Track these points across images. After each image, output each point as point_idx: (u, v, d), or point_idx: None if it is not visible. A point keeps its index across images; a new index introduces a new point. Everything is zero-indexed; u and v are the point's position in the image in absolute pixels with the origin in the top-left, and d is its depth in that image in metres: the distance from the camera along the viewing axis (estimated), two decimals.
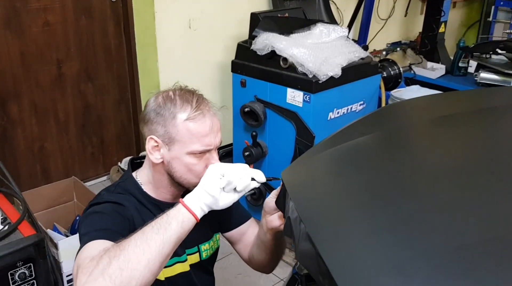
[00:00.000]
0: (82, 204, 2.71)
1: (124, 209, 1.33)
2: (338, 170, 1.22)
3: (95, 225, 1.23)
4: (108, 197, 1.35)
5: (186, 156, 1.31)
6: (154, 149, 1.34)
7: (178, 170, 1.34)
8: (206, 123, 1.31)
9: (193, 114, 1.29)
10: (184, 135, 1.30)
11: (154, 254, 1.05)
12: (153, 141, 1.33)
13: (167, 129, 1.30)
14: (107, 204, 1.32)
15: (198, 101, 1.32)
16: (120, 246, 1.05)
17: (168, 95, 1.34)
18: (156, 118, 1.32)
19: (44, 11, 2.97)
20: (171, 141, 1.31)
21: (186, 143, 1.30)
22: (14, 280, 1.67)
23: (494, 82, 3.52)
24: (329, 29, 2.73)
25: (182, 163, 1.32)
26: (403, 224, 0.92)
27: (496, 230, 0.88)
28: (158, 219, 1.11)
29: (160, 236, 1.07)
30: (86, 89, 3.30)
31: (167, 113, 1.31)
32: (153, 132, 1.33)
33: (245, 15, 2.93)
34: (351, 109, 2.76)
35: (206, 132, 1.30)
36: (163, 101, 1.32)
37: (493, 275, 0.78)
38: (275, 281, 2.64)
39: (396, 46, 4.77)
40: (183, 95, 1.33)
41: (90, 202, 1.37)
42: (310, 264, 0.89)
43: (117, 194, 1.38)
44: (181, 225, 1.11)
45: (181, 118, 1.29)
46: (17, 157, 3.11)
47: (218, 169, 1.17)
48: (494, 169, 1.11)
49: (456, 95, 2.10)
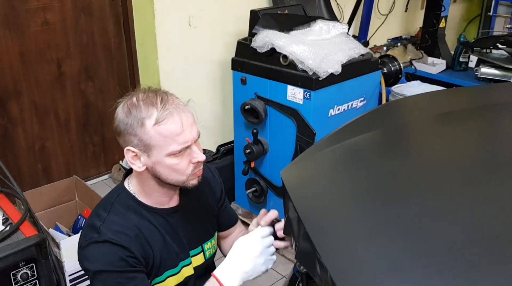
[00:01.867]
0: (83, 203, 2.71)
1: (128, 250, 1.28)
2: (338, 169, 1.22)
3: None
4: (107, 234, 1.29)
5: (166, 158, 1.29)
6: (134, 159, 1.32)
7: (163, 172, 1.32)
8: (176, 121, 1.27)
9: (160, 116, 1.26)
10: (158, 139, 1.27)
11: None
12: (131, 152, 1.31)
13: (140, 138, 1.28)
14: (108, 249, 1.27)
15: (163, 101, 1.28)
16: None
17: (132, 103, 1.30)
18: (126, 129, 1.29)
19: (43, 10, 2.97)
20: (147, 148, 1.29)
21: (163, 147, 1.27)
22: (17, 280, 1.68)
23: (494, 77, 3.51)
24: (329, 26, 2.73)
25: (164, 165, 1.30)
26: (401, 224, 0.92)
27: (496, 229, 0.88)
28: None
29: None
30: (86, 87, 3.30)
31: (135, 121, 1.27)
32: (127, 143, 1.31)
33: (245, 12, 2.93)
34: (352, 106, 2.75)
35: (179, 130, 1.27)
36: (128, 110, 1.29)
37: (491, 274, 0.78)
38: (277, 278, 2.64)
39: (397, 41, 4.76)
40: (146, 98, 1.29)
41: (85, 232, 1.32)
42: (309, 263, 0.89)
43: (116, 218, 1.33)
44: None
45: (150, 124, 1.26)
46: (18, 156, 3.11)
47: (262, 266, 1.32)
48: (496, 168, 1.11)
49: (458, 92, 2.10)
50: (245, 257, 1.30)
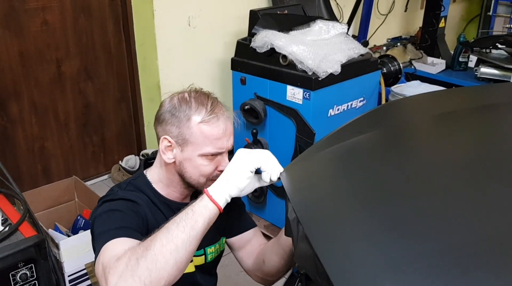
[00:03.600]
0: (83, 204, 2.71)
1: (139, 207, 1.33)
2: (337, 170, 1.22)
3: (113, 223, 1.23)
4: (122, 194, 1.35)
5: (198, 157, 1.33)
6: (167, 149, 1.35)
7: (189, 170, 1.35)
8: (220, 126, 1.33)
9: (207, 117, 1.31)
10: (198, 137, 1.31)
11: (181, 253, 1.06)
12: (167, 141, 1.34)
13: (181, 131, 1.32)
14: (121, 201, 1.31)
15: (213, 105, 1.34)
16: (146, 245, 1.05)
17: (184, 97, 1.35)
18: (170, 119, 1.33)
19: (42, 11, 2.97)
20: (184, 142, 1.33)
21: (199, 145, 1.32)
22: (16, 281, 1.67)
23: (494, 77, 3.51)
24: (329, 26, 2.73)
25: (193, 164, 1.34)
26: (400, 225, 0.92)
27: (496, 229, 0.88)
28: (183, 214, 1.11)
29: (186, 234, 1.07)
30: (86, 88, 3.30)
31: (182, 115, 1.32)
32: (167, 132, 1.34)
33: (244, 12, 2.93)
34: (351, 106, 2.75)
35: (220, 135, 1.32)
36: (179, 103, 1.34)
37: (490, 274, 0.78)
38: None
39: (396, 41, 4.76)
40: (198, 97, 1.35)
41: (101, 198, 1.36)
42: (308, 265, 0.89)
43: (130, 192, 1.38)
44: (207, 222, 1.12)
45: (196, 121, 1.31)
46: (18, 157, 3.11)
47: (250, 160, 1.18)
48: (496, 168, 1.11)
49: (458, 92, 2.10)
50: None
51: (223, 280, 2.61)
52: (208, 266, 1.54)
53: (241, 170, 1.17)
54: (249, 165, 1.18)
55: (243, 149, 1.21)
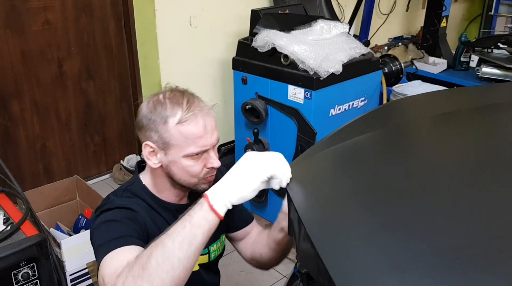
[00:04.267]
0: (84, 203, 2.71)
1: (136, 214, 1.30)
2: (338, 170, 1.22)
3: (111, 234, 1.19)
4: (118, 202, 1.32)
5: (183, 159, 1.29)
6: (151, 154, 1.32)
7: (177, 173, 1.32)
8: (199, 124, 1.28)
9: (184, 117, 1.27)
10: (178, 139, 1.27)
11: (179, 270, 1.01)
12: (149, 147, 1.31)
13: (161, 135, 1.28)
14: (118, 210, 1.28)
15: (189, 102, 1.29)
16: (143, 263, 1.00)
17: (158, 99, 1.31)
18: (148, 124, 1.30)
19: (44, 10, 2.97)
20: (166, 146, 1.29)
21: (182, 147, 1.28)
22: (18, 280, 1.68)
23: (495, 77, 3.51)
24: (330, 26, 2.73)
25: (180, 166, 1.31)
26: (401, 225, 0.92)
27: (497, 229, 0.88)
28: (179, 227, 1.03)
29: (183, 252, 1.01)
30: (87, 87, 3.30)
31: (158, 118, 1.28)
32: (147, 138, 1.31)
33: (246, 12, 2.93)
34: (353, 106, 2.75)
35: (200, 133, 1.28)
36: (153, 106, 1.30)
37: (491, 274, 0.78)
38: (277, 277, 2.64)
39: (398, 41, 4.76)
40: (173, 97, 1.30)
41: (98, 207, 1.33)
42: (310, 264, 0.89)
43: (127, 199, 1.35)
44: (207, 234, 1.05)
45: (173, 122, 1.27)
46: (19, 156, 3.12)
47: (262, 170, 1.08)
48: (497, 168, 1.11)
49: (459, 92, 2.10)
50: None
51: (224, 279, 2.61)
52: (212, 264, 1.54)
53: (250, 179, 1.08)
54: (260, 174, 1.08)
55: (253, 153, 1.11)
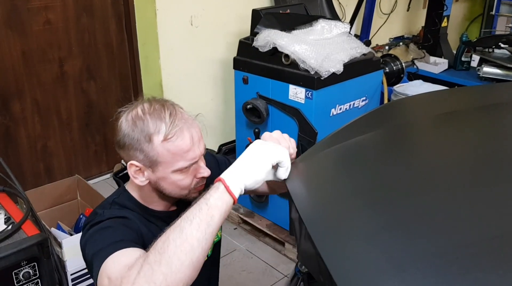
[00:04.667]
0: (85, 203, 2.72)
1: (130, 221, 1.25)
2: (339, 170, 1.22)
3: (109, 239, 1.14)
4: (109, 214, 1.25)
5: (172, 174, 1.24)
6: (137, 173, 1.26)
7: (167, 188, 1.28)
8: (186, 137, 1.22)
9: (170, 132, 1.20)
10: (166, 156, 1.21)
11: (198, 252, 0.98)
12: (134, 167, 1.25)
13: (146, 153, 1.22)
14: (110, 220, 1.22)
15: (172, 115, 1.22)
16: (158, 248, 0.98)
17: (138, 115, 1.22)
18: (131, 143, 1.22)
19: (45, 10, 2.97)
20: (153, 164, 1.23)
21: (170, 163, 1.22)
22: (19, 279, 1.68)
23: (496, 77, 3.50)
24: (331, 25, 2.73)
25: (169, 181, 1.26)
26: (402, 224, 0.92)
27: (498, 229, 0.88)
28: (195, 210, 1.02)
29: (202, 232, 0.99)
30: (88, 87, 3.31)
31: (141, 136, 1.21)
32: (131, 157, 1.24)
33: (247, 12, 2.93)
34: (354, 105, 2.75)
35: (188, 147, 1.22)
36: (133, 123, 1.22)
37: (492, 274, 0.78)
38: (278, 277, 2.64)
39: (399, 40, 4.75)
40: (154, 112, 1.22)
41: (88, 221, 1.26)
42: (311, 264, 0.89)
43: (117, 210, 1.29)
44: (223, 215, 1.04)
45: (158, 140, 1.20)
46: (20, 156, 3.12)
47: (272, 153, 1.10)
48: (498, 168, 1.11)
49: (460, 91, 2.10)
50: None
51: (225, 279, 2.62)
52: (210, 260, 1.51)
53: (261, 161, 1.09)
54: (270, 157, 1.10)
55: (261, 141, 1.14)
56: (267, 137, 1.24)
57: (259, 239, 2.95)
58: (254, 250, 2.86)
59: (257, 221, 2.96)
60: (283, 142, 1.25)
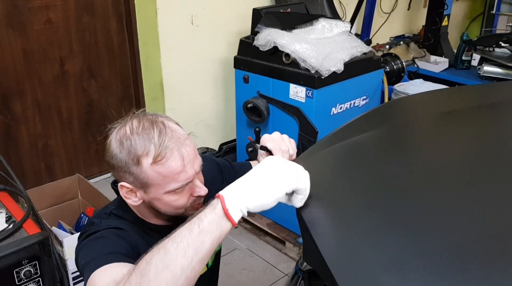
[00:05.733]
0: (86, 201, 2.72)
1: (126, 233, 1.20)
2: (340, 169, 1.22)
3: (100, 250, 1.10)
4: (106, 224, 1.21)
5: (165, 195, 1.17)
6: (129, 194, 1.21)
7: (162, 207, 1.21)
8: (176, 158, 1.13)
9: (159, 154, 1.12)
10: (156, 178, 1.14)
11: (181, 282, 0.88)
12: (125, 188, 1.19)
13: (136, 176, 1.15)
14: (107, 230, 1.18)
15: (161, 135, 1.13)
16: (141, 270, 0.89)
17: (126, 135, 1.15)
18: (120, 166, 1.16)
19: (46, 9, 2.98)
20: (144, 186, 1.17)
21: (161, 185, 1.15)
22: (20, 278, 1.68)
23: (497, 75, 3.50)
24: (331, 24, 2.73)
25: (163, 202, 1.19)
26: (403, 223, 0.92)
27: (498, 228, 0.88)
28: (185, 230, 0.90)
29: (188, 259, 0.88)
30: (89, 86, 3.31)
31: (129, 159, 1.14)
32: (121, 178, 1.19)
33: (247, 11, 2.93)
34: (354, 104, 2.75)
35: (179, 168, 1.14)
36: (121, 144, 1.15)
37: (492, 272, 0.78)
38: (279, 276, 2.64)
39: (399, 39, 4.75)
40: (142, 131, 1.14)
41: (84, 230, 1.23)
42: (314, 262, 0.89)
43: (114, 220, 1.25)
44: (217, 241, 0.91)
45: (147, 163, 1.13)
46: (21, 154, 3.12)
47: (289, 180, 0.93)
48: (498, 167, 1.11)
49: (460, 90, 2.10)
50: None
51: (225, 278, 2.62)
52: (210, 272, 1.48)
53: (273, 186, 0.92)
54: (286, 184, 0.93)
55: (278, 158, 0.98)
56: (267, 138, 1.23)
57: (259, 238, 2.96)
58: (255, 248, 2.86)
59: (258, 220, 2.97)
60: (283, 144, 1.24)
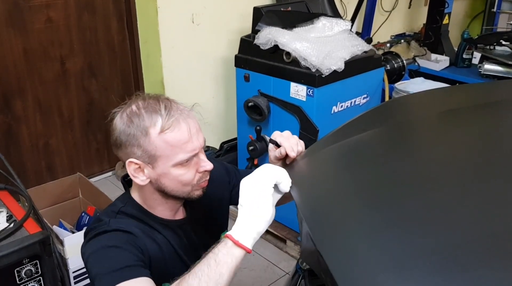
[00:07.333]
0: (87, 200, 2.72)
1: (136, 239, 1.21)
2: (340, 168, 1.22)
3: (115, 263, 1.12)
4: (115, 225, 1.22)
5: (173, 169, 1.21)
6: (137, 171, 1.23)
7: (169, 185, 1.24)
8: (183, 128, 1.19)
9: (166, 124, 1.18)
10: (164, 148, 1.19)
11: None
12: (133, 164, 1.22)
13: (144, 148, 1.19)
14: (115, 234, 1.19)
15: (167, 107, 1.20)
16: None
17: (133, 111, 1.21)
18: (128, 140, 1.20)
19: (46, 8, 2.97)
20: (152, 159, 1.20)
21: (170, 156, 1.19)
22: (21, 277, 1.68)
23: (498, 74, 3.50)
24: (332, 23, 2.72)
25: (170, 177, 1.23)
26: (404, 222, 0.92)
27: (499, 227, 0.88)
28: (204, 266, 0.98)
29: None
30: (90, 85, 3.31)
31: (138, 131, 1.19)
32: (130, 155, 1.22)
33: (248, 9, 2.93)
34: (355, 103, 2.75)
35: (186, 138, 1.19)
36: (129, 120, 1.20)
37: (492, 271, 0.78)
38: (280, 274, 2.64)
39: (400, 38, 4.74)
40: (148, 105, 1.20)
41: (91, 229, 1.24)
42: (313, 262, 0.89)
43: (123, 220, 1.26)
44: (234, 270, 1.00)
45: (155, 132, 1.18)
46: (22, 153, 3.12)
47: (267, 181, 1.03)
48: (499, 166, 1.11)
49: (461, 89, 2.10)
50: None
51: None
52: None
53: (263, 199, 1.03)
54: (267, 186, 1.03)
55: (248, 181, 1.06)
56: (278, 133, 1.26)
57: (260, 236, 2.95)
58: (256, 247, 2.83)
59: None
60: (292, 139, 1.25)
